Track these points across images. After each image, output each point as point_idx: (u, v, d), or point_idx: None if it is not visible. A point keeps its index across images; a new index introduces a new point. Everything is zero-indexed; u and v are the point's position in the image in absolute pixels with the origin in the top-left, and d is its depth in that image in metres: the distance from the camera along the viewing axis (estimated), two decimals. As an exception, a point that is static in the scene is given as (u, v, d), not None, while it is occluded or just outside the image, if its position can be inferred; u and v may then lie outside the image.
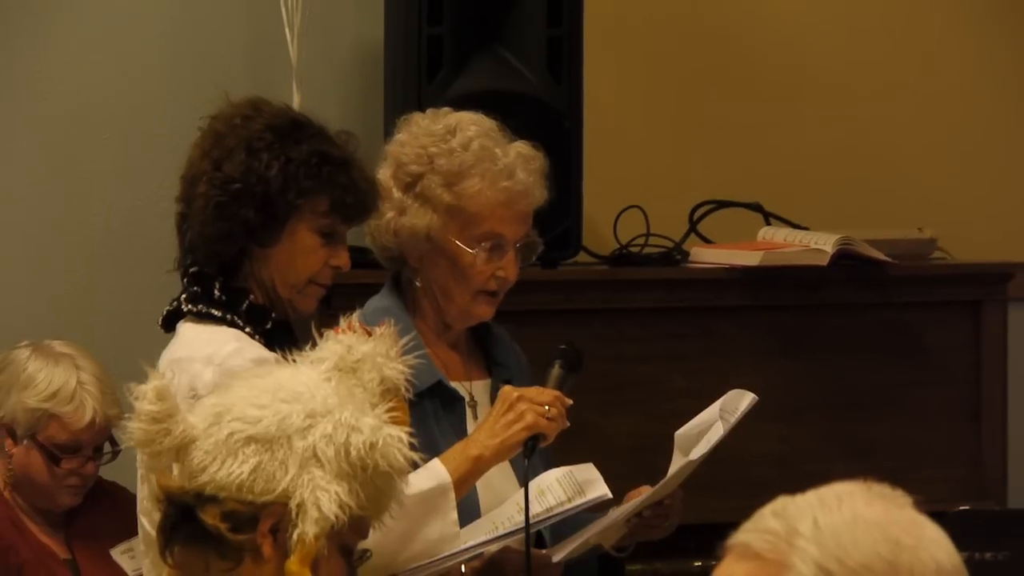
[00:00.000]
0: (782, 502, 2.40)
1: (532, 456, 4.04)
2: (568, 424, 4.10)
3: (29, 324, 5.12)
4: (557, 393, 4.11)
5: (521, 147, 4.32)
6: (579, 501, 4.03)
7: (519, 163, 4.27)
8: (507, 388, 4.15)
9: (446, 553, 4.01)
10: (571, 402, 4.11)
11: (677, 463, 4.15)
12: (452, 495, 4.00)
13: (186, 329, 4.10)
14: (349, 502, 3.16)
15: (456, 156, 4.26)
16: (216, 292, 4.10)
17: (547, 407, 4.07)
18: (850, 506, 2.40)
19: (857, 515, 2.39)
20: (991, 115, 6.52)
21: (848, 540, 2.37)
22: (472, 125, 4.32)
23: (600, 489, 4.05)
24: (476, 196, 4.24)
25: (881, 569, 2.37)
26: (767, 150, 6.18)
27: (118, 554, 4.79)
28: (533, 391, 4.11)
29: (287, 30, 5.44)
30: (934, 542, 2.41)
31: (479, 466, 4.06)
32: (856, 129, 6.34)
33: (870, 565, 2.36)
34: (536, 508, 3.97)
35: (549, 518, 4.01)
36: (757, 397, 4.16)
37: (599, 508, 4.15)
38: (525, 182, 4.26)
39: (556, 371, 4.19)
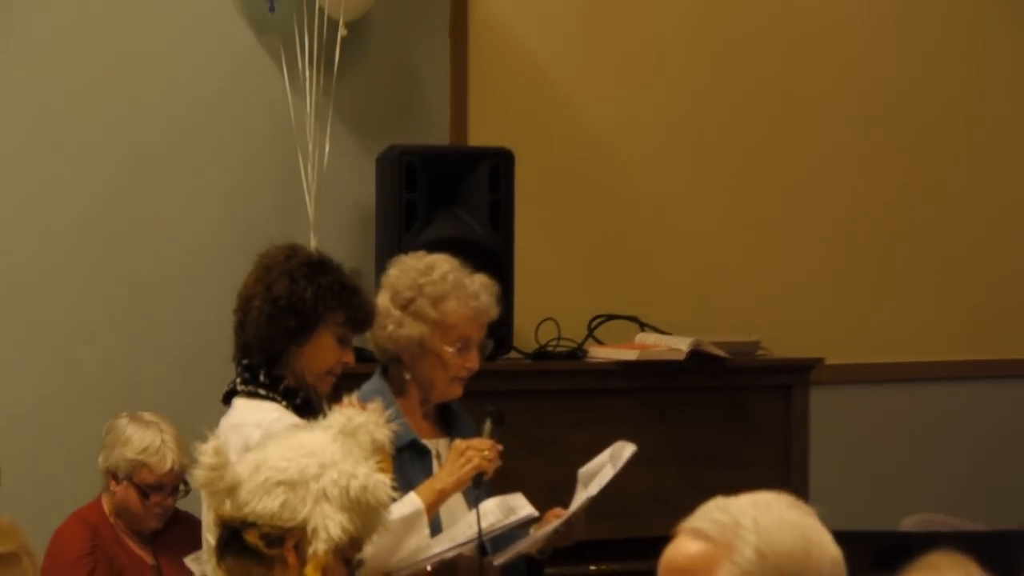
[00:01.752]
0: (723, 502, 2.49)
1: (479, 487, 4.10)
2: (501, 462, 4.16)
3: (128, 401, 5.07)
4: (491, 442, 4.18)
5: (482, 278, 4.39)
6: (513, 518, 4.09)
7: (482, 289, 4.35)
8: (458, 441, 4.22)
9: (421, 558, 4.05)
10: (501, 447, 4.18)
11: (579, 494, 4.22)
12: (425, 518, 4.05)
13: (240, 403, 4.15)
14: (349, 527, 3.26)
15: (438, 285, 4.31)
16: (262, 377, 4.15)
17: (486, 452, 4.14)
18: (777, 510, 2.47)
19: (783, 517, 2.45)
20: (798, 250, 6.53)
21: (777, 534, 2.43)
22: (445, 263, 4.38)
23: (527, 509, 4.12)
24: (454, 313, 4.30)
25: (799, 556, 2.44)
26: (641, 278, 6.19)
27: (189, 561, 4.75)
28: (476, 442, 4.18)
29: (306, 195, 5.49)
30: (830, 541, 2.47)
31: (442, 496, 4.12)
32: (703, 261, 6.33)
33: (791, 553, 2.42)
34: (482, 525, 4.03)
35: (491, 532, 4.04)
36: (636, 448, 4.21)
37: (527, 524, 4.19)
38: (487, 302, 4.36)
39: (488, 426, 4.25)
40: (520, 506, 4.13)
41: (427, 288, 4.32)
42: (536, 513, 4.17)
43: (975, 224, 6.87)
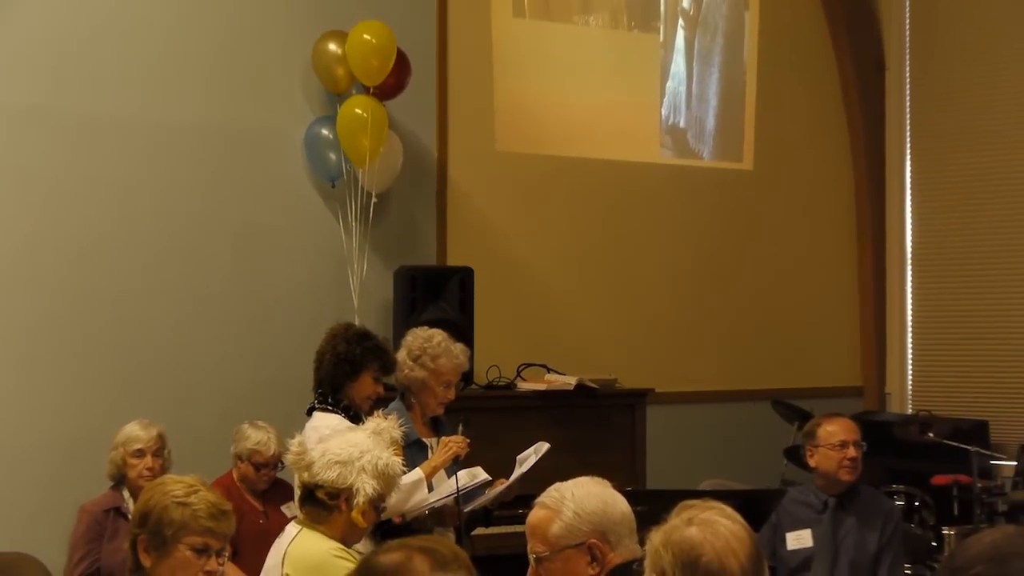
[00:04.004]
0: (559, 485, 2.62)
1: (456, 464, 4.11)
2: (469, 449, 4.15)
3: (249, 413, 4.97)
4: (463, 437, 4.16)
5: (461, 346, 4.35)
6: (476, 481, 4.08)
7: (461, 352, 4.31)
8: (444, 437, 4.20)
9: (422, 506, 4.05)
10: (469, 440, 4.16)
11: (516, 471, 4.21)
12: (424, 482, 4.04)
13: (318, 414, 4.16)
14: (378, 488, 3.30)
15: (436, 348, 4.25)
16: (330, 400, 4.15)
17: (460, 443, 4.14)
18: (587, 486, 2.58)
19: (590, 491, 2.56)
20: (638, 326, 6.53)
21: (586, 501, 2.54)
22: (439, 335, 4.32)
23: (484, 476, 4.11)
24: (443, 366, 4.24)
25: (600, 512, 2.54)
26: (549, 341, 6.13)
27: (283, 508, 4.72)
28: (454, 437, 4.16)
29: (353, 294, 5.45)
30: (622, 501, 2.57)
31: (435, 470, 4.10)
32: (585, 331, 6.33)
33: (595, 511, 2.52)
34: (458, 485, 4.03)
35: (463, 490, 4.03)
36: (549, 445, 4.19)
37: (484, 486, 4.17)
38: (463, 360, 4.32)
39: (460, 428, 4.22)
40: (480, 474, 4.12)
41: (428, 349, 4.25)
42: (490, 478, 4.16)
43: (748, 312, 6.92)
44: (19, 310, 4.96)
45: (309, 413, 4.19)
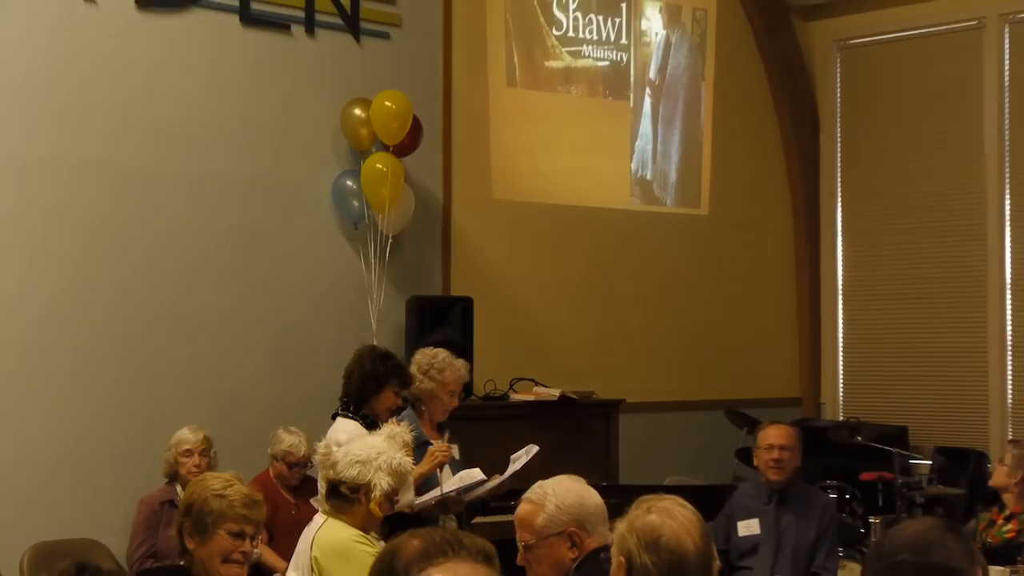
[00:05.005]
0: (541, 483, 2.58)
1: (460, 465, 4.05)
2: (452, 456, 4.04)
3: (284, 420, 4.93)
4: (447, 445, 4.09)
5: (462, 361, 4.31)
6: (473, 480, 4.07)
7: (462, 366, 4.28)
8: (431, 447, 4.08)
9: (431, 500, 4.02)
10: (454, 446, 4.07)
11: (510, 468, 4.18)
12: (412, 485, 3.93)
13: (340, 420, 4.12)
14: (392, 483, 3.27)
15: (442, 363, 4.21)
16: (352, 408, 4.11)
17: (444, 452, 4.04)
18: (566, 484, 2.55)
19: (568, 487, 2.54)
20: (612, 346, 6.46)
21: (565, 495, 2.51)
22: (442, 352, 4.30)
23: (481, 475, 4.09)
24: (448, 377, 4.20)
25: (577, 504, 2.51)
26: (537, 358, 6.04)
27: (312, 501, 4.48)
28: (439, 446, 4.08)
29: (372, 320, 5.40)
30: (596, 495, 2.54)
31: (422, 477, 3.99)
32: (566, 350, 6.23)
33: (572, 504, 2.49)
34: (457, 484, 4.01)
35: (463, 487, 4.02)
36: (538, 448, 4.15)
37: (482, 483, 4.13)
38: (464, 373, 4.29)
39: (447, 435, 4.19)
40: (477, 474, 4.11)
41: (435, 364, 4.23)
42: (486, 477, 4.14)
43: (704, 334, 6.88)
44: (92, 338, 4.92)
45: (334, 417, 4.15)
